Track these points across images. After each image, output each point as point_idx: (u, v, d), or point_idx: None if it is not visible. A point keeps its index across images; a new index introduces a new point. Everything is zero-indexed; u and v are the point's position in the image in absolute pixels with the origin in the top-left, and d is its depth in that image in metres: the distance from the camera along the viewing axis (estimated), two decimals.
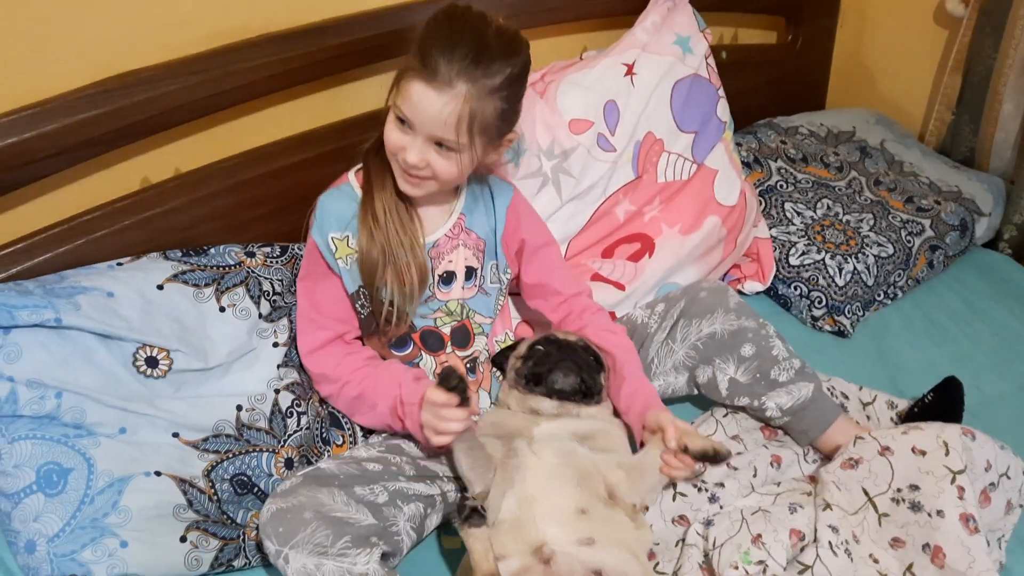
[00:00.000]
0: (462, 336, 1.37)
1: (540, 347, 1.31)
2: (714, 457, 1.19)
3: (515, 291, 1.49)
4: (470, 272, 1.36)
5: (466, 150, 1.20)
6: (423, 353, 1.36)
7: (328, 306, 1.31)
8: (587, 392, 1.27)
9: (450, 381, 1.13)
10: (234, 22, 1.37)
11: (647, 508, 1.28)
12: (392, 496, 1.17)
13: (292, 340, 1.35)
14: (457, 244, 1.34)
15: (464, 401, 1.14)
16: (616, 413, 1.33)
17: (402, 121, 1.19)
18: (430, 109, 1.15)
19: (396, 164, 1.24)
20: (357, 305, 1.31)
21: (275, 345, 1.33)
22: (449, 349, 1.36)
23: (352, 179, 1.32)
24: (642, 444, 1.27)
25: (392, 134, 1.21)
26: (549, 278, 1.41)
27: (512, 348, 1.39)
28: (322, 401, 1.35)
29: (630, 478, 1.19)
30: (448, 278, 1.34)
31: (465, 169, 1.24)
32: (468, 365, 1.38)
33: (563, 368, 1.27)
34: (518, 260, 1.41)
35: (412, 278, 1.27)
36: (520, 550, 1.10)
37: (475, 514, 1.12)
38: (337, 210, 1.29)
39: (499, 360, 1.40)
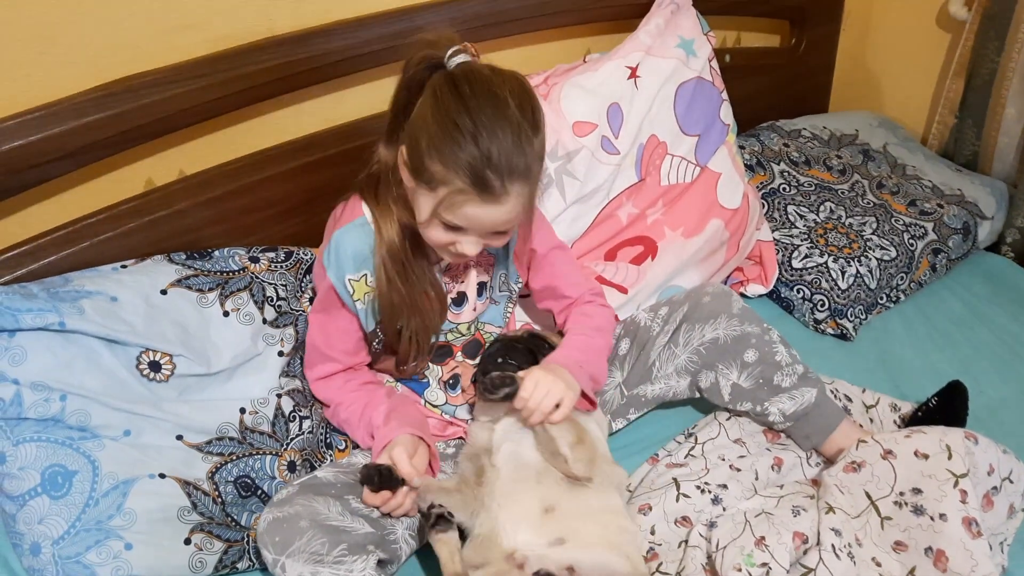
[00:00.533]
0: (473, 348, 1.38)
1: (489, 352, 1.33)
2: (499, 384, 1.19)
3: (524, 293, 1.48)
4: (482, 288, 1.36)
5: (520, 224, 1.19)
6: (429, 363, 1.36)
7: (340, 340, 1.30)
8: None
9: (371, 482, 1.13)
10: (239, 26, 1.37)
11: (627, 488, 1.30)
12: None
13: (295, 350, 1.35)
14: (468, 264, 1.33)
15: (396, 487, 1.15)
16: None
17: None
18: (492, 220, 1.12)
19: (445, 251, 1.19)
20: (374, 342, 1.31)
21: (280, 354, 1.33)
22: (459, 358, 1.37)
23: (367, 212, 1.24)
24: None
25: (439, 236, 1.15)
26: (558, 281, 1.40)
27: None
28: None
29: (550, 454, 1.21)
30: (460, 299, 1.34)
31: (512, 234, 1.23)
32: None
33: (503, 367, 1.27)
34: (527, 268, 1.40)
35: (433, 307, 1.27)
36: (495, 558, 1.12)
37: (442, 520, 1.14)
38: (353, 248, 1.23)
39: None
